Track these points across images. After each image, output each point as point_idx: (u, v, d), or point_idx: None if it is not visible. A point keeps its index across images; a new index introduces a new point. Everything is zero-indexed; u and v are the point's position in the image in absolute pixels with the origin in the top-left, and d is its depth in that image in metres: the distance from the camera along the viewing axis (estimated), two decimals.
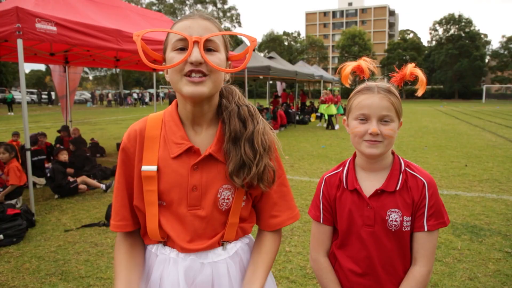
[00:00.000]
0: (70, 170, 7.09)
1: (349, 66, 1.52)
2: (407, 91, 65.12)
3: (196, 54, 1.15)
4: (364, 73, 1.50)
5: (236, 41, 57.63)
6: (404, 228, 1.44)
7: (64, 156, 6.72)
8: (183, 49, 1.18)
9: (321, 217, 1.59)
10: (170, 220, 1.27)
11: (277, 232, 1.43)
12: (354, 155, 1.59)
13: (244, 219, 1.36)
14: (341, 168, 1.60)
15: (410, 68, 1.49)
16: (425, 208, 1.44)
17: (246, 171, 1.25)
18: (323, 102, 17.11)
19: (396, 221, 1.44)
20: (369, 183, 1.50)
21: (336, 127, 16.58)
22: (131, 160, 1.31)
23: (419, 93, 1.48)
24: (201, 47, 1.16)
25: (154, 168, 1.25)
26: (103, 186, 6.65)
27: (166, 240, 1.30)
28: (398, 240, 1.45)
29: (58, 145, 9.05)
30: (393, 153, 1.54)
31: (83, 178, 6.68)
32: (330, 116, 16.48)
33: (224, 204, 1.28)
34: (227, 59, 1.30)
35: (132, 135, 1.32)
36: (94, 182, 6.74)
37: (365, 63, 1.51)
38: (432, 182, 1.47)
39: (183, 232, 1.27)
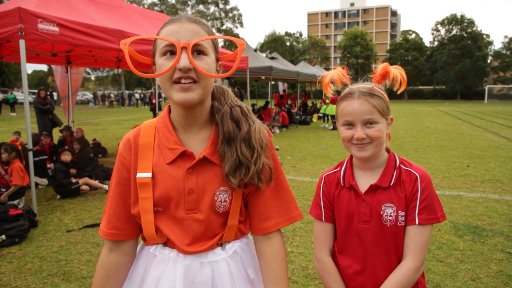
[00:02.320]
0: (73, 171, 7.10)
1: (327, 76, 1.57)
2: (409, 92, 65.24)
3: (184, 60, 1.14)
4: (337, 84, 1.54)
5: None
6: (399, 223, 1.45)
7: (65, 157, 6.73)
8: (171, 55, 1.18)
9: (323, 215, 1.60)
10: (168, 225, 1.27)
11: (275, 235, 1.37)
12: (352, 155, 1.61)
13: (240, 221, 1.36)
14: (339, 168, 1.63)
15: (382, 66, 1.54)
16: (417, 201, 1.44)
17: (244, 171, 1.24)
18: (326, 102, 17.20)
19: (391, 215, 1.45)
20: (366, 180, 1.53)
21: (329, 127, 16.74)
22: (127, 169, 1.30)
23: (400, 90, 1.52)
24: (189, 53, 1.15)
25: (149, 175, 1.25)
26: (105, 186, 6.67)
27: (166, 242, 1.30)
28: (394, 235, 1.46)
29: (64, 147, 9.06)
30: (388, 150, 1.57)
31: (86, 179, 6.70)
32: (333, 116, 16.50)
33: (222, 206, 1.28)
34: (217, 59, 1.29)
35: (127, 144, 1.32)
36: (96, 183, 6.76)
37: (337, 73, 1.55)
38: (425, 176, 1.47)
39: (182, 235, 1.27)
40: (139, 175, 1.26)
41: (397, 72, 1.52)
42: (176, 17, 1.23)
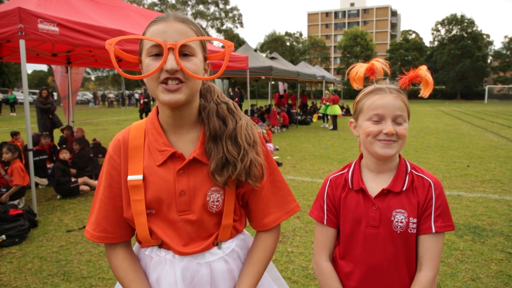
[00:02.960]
0: (73, 171, 7.10)
1: (363, 67, 1.49)
2: (409, 92, 65.14)
3: (171, 62, 1.13)
4: (375, 74, 1.47)
5: (238, 42, 57.51)
6: (410, 230, 1.40)
7: (63, 155, 6.73)
8: (158, 55, 1.16)
9: (325, 219, 1.54)
10: (162, 227, 1.27)
11: (273, 231, 1.40)
12: (360, 157, 1.56)
13: (235, 220, 1.35)
14: (346, 169, 1.57)
15: (424, 71, 1.45)
16: (432, 209, 1.40)
17: (231, 169, 1.23)
18: (324, 102, 17.24)
19: (401, 222, 1.40)
20: (375, 184, 1.47)
21: (329, 127, 16.70)
22: (117, 171, 1.29)
23: (425, 94, 1.45)
24: (176, 54, 1.13)
25: (140, 177, 1.24)
26: None
27: (161, 243, 1.29)
28: (404, 243, 1.41)
29: (62, 146, 9.06)
30: (399, 155, 1.52)
31: (85, 179, 6.69)
32: (334, 116, 16.49)
33: (214, 206, 1.27)
34: (205, 59, 1.28)
35: (117, 145, 1.31)
36: (95, 183, 6.73)
37: (380, 64, 1.48)
38: (438, 183, 1.44)
39: (177, 237, 1.26)
40: (130, 177, 1.25)
41: (431, 78, 1.45)
42: (163, 15, 1.20)
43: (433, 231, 1.38)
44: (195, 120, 1.31)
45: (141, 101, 17.86)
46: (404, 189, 1.43)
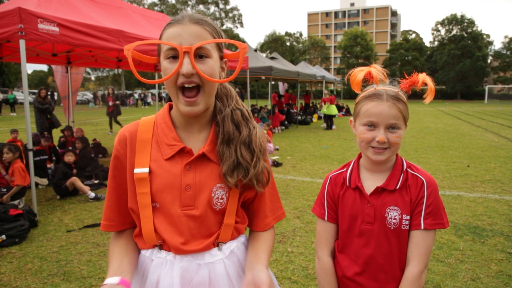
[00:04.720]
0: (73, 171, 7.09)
1: (361, 72, 1.52)
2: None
3: (187, 65, 1.15)
4: (375, 81, 1.50)
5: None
6: (403, 227, 1.46)
7: (68, 158, 6.71)
8: (174, 59, 1.18)
9: (326, 215, 1.61)
10: (164, 223, 1.27)
11: (270, 230, 1.45)
12: (359, 156, 1.62)
13: (237, 221, 1.37)
14: (345, 168, 1.63)
15: (423, 77, 1.49)
16: (423, 206, 1.45)
17: (243, 172, 1.27)
18: (324, 102, 17.28)
19: (395, 219, 1.46)
20: (372, 182, 1.53)
21: (333, 127, 16.68)
22: (122, 163, 1.32)
23: (427, 101, 1.48)
24: (192, 57, 1.15)
25: (146, 170, 1.26)
26: (91, 194, 6.21)
27: (161, 244, 1.30)
28: (398, 239, 1.47)
29: (69, 147, 9.01)
30: (396, 154, 1.56)
31: (73, 180, 6.29)
32: (331, 116, 16.51)
33: (218, 203, 1.29)
34: (221, 58, 1.30)
35: (122, 139, 1.33)
36: (82, 187, 6.31)
37: (376, 71, 1.51)
38: (432, 181, 1.48)
39: (177, 234, 1.27)
40: (136, 170, 1.27)
41: (433, 84, 1.48)
42: (178, 17, 1.22)
43: (422, 227, 1.44)
44: (208, 120, 1.34)
45: (110, 103, 15.69)
46: (397, 187, 1.48)
